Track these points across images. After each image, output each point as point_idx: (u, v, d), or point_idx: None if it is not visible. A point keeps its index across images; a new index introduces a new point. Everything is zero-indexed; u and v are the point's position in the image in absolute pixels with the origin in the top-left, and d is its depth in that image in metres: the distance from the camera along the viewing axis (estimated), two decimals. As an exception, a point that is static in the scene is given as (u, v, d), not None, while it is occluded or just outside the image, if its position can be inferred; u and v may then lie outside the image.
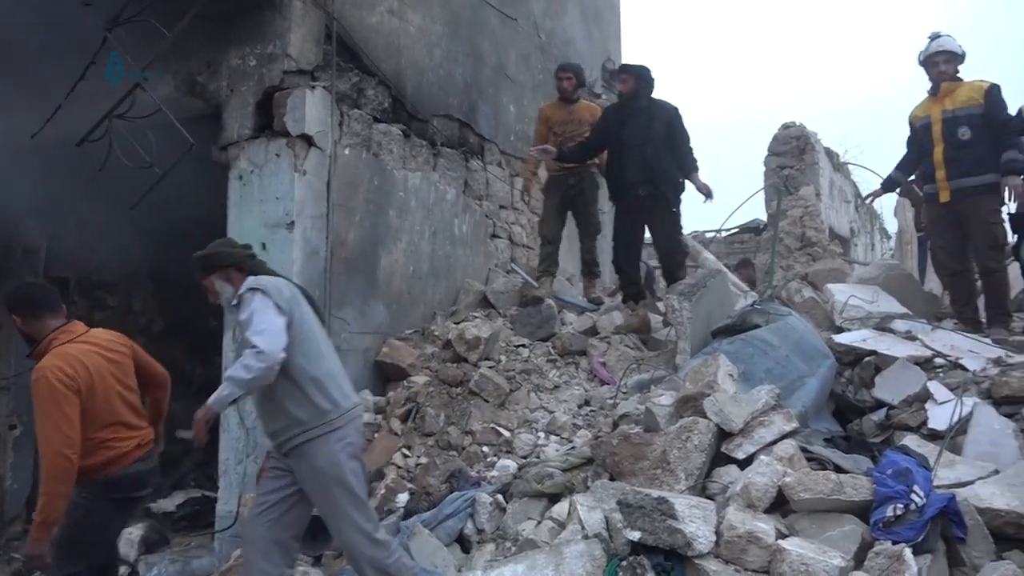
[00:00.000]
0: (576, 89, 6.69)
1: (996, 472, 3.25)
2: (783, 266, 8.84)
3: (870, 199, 6.57)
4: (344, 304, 5.33)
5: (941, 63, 5.29)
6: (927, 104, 5.45)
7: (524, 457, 4.48)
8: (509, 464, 4.27)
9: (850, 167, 13.16)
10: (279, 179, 5.00)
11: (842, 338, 4.68)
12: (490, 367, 5.32)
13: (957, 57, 5.32)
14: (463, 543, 3.76)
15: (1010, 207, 5.23)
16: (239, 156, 5.19)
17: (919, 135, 5.46)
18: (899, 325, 4.93)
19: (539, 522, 3.50)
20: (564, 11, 8.62)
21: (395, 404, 5.10)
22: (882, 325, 4.98)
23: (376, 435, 4.94)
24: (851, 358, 4.54)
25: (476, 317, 6.05)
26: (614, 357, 5.52)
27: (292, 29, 5.11)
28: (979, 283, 5.51)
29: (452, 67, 6.67)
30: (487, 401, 5.02)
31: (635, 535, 2.84)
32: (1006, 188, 5.07)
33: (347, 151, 5.39)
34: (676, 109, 6.04)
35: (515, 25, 7.66)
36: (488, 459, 4.55)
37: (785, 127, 10.93)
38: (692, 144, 6.04)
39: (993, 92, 5.13)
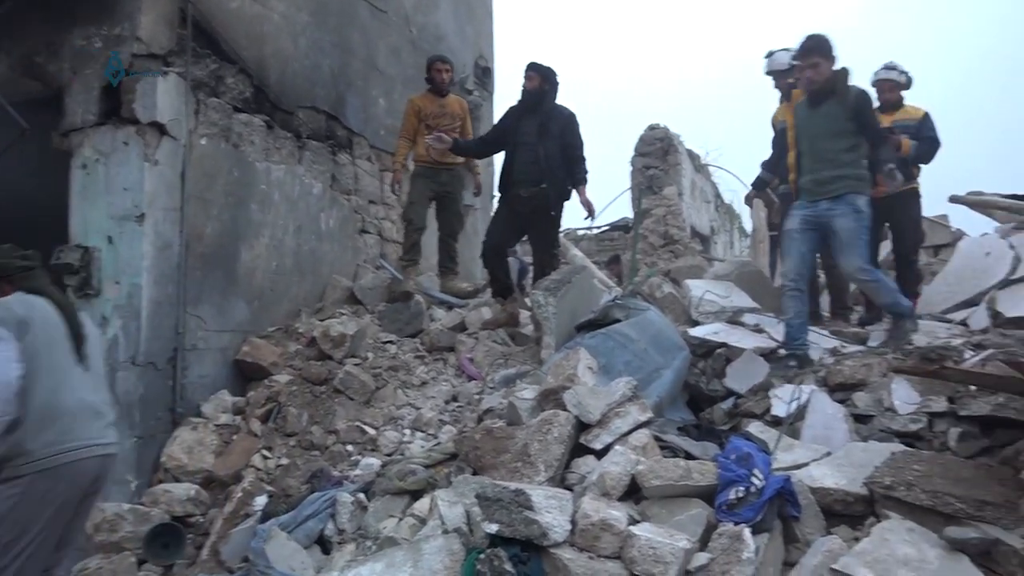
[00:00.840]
0: (452, 83, 6.68)
1: (828, 454, 3.48)
2: (647, 263, 9.18)
3: (750, 199, 6.93)
4: (201, 301, 5.10)
5: (787, 76, 5.68)
6: (784, 109, 5.80)
7: (389, 455, 4.43)
8: (373, 462, 4.21)
9: (710, 168, 13.83)
10: (128, 169, 4.72)
11: (696, 331, 4.91)
12: (356, 364, 5.24)
13: (784, 73, 5.71)
14: (323, 544, 3.67)
15: None
16: (83, 143, 4.87)
17: (779, 137, 5.81)
18: (749, 319, 5.22)
19: (400, 519, 3.47)
20: (436, 6, 8.58)
21: (255, 404, 4.93)
22: (734, 319, 5.25)
23: (235, 437, 4.76)
24: (704, 350, 4.76)
25: (343, 314, 5.94)
26: (482, 352, 5.55)
27: (143, 10, 4.84)
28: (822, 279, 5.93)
29: (319, 58, 6.51)
30: (352, 399, 4.94)
31: (493, 528, 2.86)
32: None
33: (204, 141, 5.16)
34: (573, 115, 5.98)
35: (385, 17, 7.56)
36: (352, 458, 4.47)
37: (651, 129, 11.35)
38: (585, 153, 5.98)
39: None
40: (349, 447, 4.58)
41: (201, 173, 5.11)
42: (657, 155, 11.10)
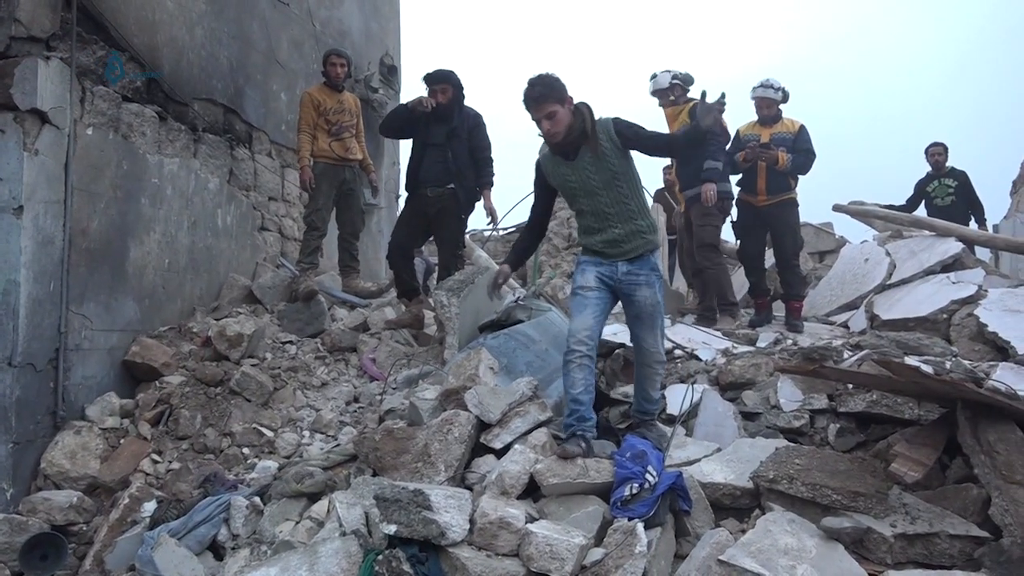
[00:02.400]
0: (347, 78, 6.58)
1: (718, 450, 3.64)
2: (552, 265, 9.29)
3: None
4: (86, 299, 4.84)
5: (661, 98, 6.06)
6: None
7: (287, 457, 4.34)
8: (270, 465, 4.12)
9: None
10: (5, 158, 4.44)
11: (596, 332, 5.01)
12: (253, 365, 5.10)
13: (665, 92, 6.03)
14: (216, 551, 3.56)
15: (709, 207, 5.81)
16: (-46, 129, 4.53)
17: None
18: (646, 320, 5.36)
19: (297, 523, 3.41)
20: (341, 2, 8.45)
21: (145, 407, 4.73)
22: (632, 320, 5.38)
23: (122, 441, 4.55)
24: (604, 350, 4.86)
25: (240, 313, 5.78)
26: (384, 353, 5.50)
27: (23, -10, 4.56)
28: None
29: (216, 48, 6.29)
30: (249, 401, 4.81)
31: (391, 528, 2.85)
32: (702, 194, 5.69)
33: (90, 131, 4.90)
34: (480, 116, 5.94)
35: (287, 10, 7.40)
36: (248, 461, 4.36)
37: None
38: (492, 155, 5.96)
39: (692, 111, 5.75)
40: (245, 450, 4.46)
41: (87, 165, 4.86)
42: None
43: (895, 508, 3.01)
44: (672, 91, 6.03)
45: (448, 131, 5.77)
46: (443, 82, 5.74)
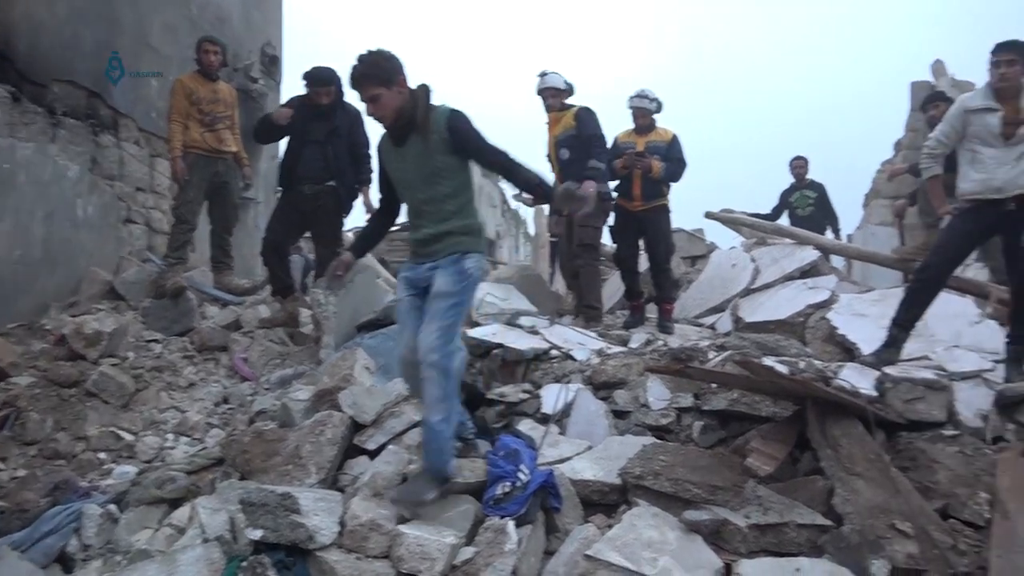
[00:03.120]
0: (222, 66, 6.33)
1: (590, 448, 3.73)
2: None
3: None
4: (-80, 292, 4.45)
5: (548, 97, 6.04)
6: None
7: (148, 462, 4.13)
8: (128, 471, 3.91)
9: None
10: None
11: (474, 332, 5.03)
12: (114, 365, 4.82)
13: (561, 92, 6.07)
14: (65, 562, 3.34)
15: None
16: None
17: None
18: (525, 321, 5.44)
19: (157, 531, 3.25)
20: (219, -14, 8.12)
21: (-12, 410, 4.38)
22: (511, 321, 5.45)
23: (-39, 447, 4.20)
24: (482, 351, 4.89)
25: (100, 309, 5.45)
26: (257, 352, 5.34)
27: None
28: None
29: (80, 28, 5.91)
30: (107, 403, 4.54)
31: (257, 534, 2.77)
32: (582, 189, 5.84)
33: (-71, 109, 4.51)
34: (360, 113, 5.72)
35: (160, -8, 7.03)
36: (105, 466, 4.11)
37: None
38: (371, 151, 5.79)
39: (581, 114, 5.90)
40: (101, 455, 4.21)
41: (-75, 146, 4.47)
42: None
43: (750, 500, 3.18)
44: (561, 95, 6.10)
45: (329, 129, 5.70)
46: (327, 84, 5.64)
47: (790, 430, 3.53)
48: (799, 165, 8.48)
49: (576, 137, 5.86)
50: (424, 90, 3.29)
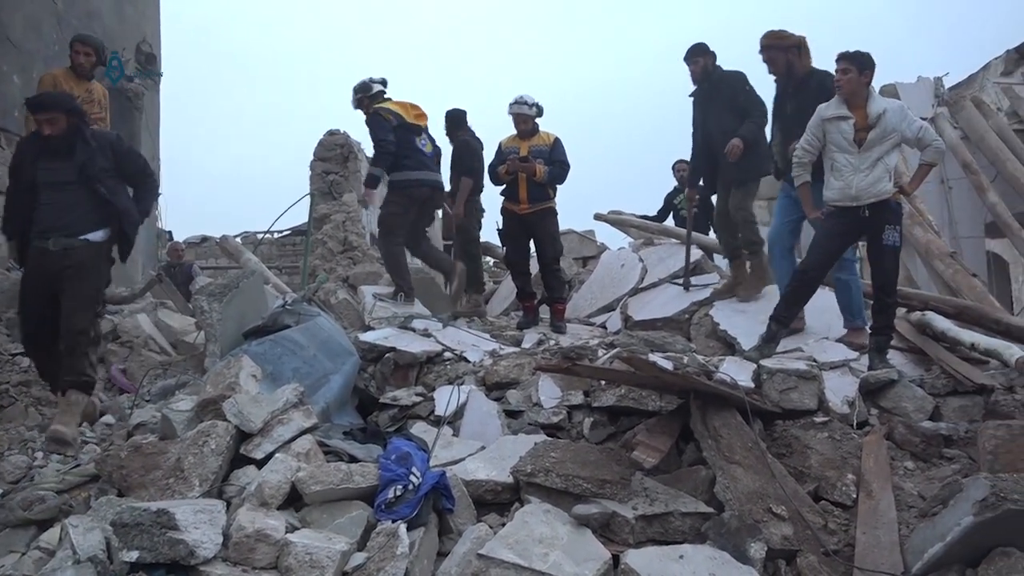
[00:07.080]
0: (95, 67, 6.01)
1: (483, 448, 3.76)
2: (327, 269, 9.10)
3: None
4: None
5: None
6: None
7: (14, 482, 3.85)
8: (-11, 493, 3.64)
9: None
10: None
11: (366, 336, 4.98)
12: (-27, 381, 4.49)
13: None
14: (-82, 595, 3.09)
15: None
16: None
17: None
18: (418, 324, 5.42)
19: (24, 554, 3.05)
20: (89, -21, 7.70)
21: None
22: (404, 324, 5.41)
23: None
24: (374, 355, 4.85)
25: (-42, 322, 5.06)
26: (137, 363, 5.09)
27: None
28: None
29: (-70, 19, 5.49)
30: (-32, 421, 4.22)
31: (133, 555, 2.64)
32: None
33: None
34: (119, 136, 4.81)
35: (22, -17, 6.62)
36: (-38, 491, 3.81)
37: (330, 134, 11.26)
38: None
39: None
40: (-39, 477, 3.90)
41: None
42: (337, 160, 11.05)
43: (637, 492, 3.28)
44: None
45: (76, 167, 4.20)
46: (49, 110, 4.17)
47: (674, 423, 3.67)
48: (682, 169, 8.78)
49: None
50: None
